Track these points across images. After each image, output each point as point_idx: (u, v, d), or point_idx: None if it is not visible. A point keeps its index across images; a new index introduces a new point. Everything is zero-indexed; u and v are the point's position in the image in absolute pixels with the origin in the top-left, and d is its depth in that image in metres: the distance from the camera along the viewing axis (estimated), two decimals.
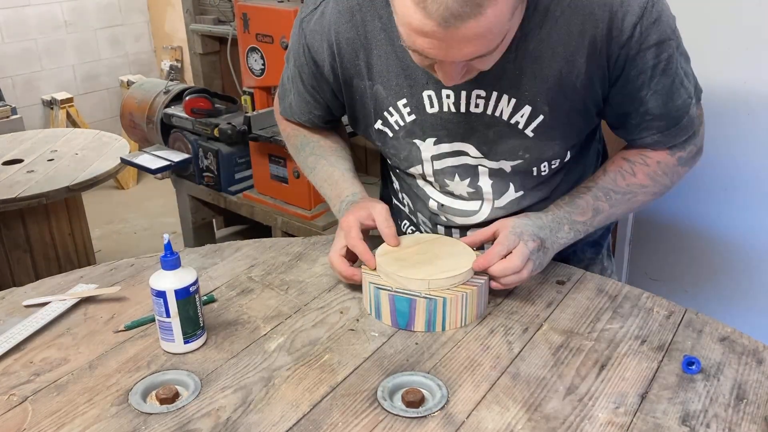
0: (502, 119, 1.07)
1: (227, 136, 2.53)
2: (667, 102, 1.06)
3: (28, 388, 0.95)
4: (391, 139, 1.17)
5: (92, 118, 4.46)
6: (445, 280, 1.05)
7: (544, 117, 1.06)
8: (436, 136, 1.12)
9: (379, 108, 1.14)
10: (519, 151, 1.11)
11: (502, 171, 1.14)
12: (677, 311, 1.08)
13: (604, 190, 1.13)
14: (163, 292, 0.98)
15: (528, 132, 1.08)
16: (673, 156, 1.13)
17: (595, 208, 1.12)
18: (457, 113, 1.08)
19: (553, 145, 1.11)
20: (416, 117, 1.11)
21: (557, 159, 1.14)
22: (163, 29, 4.65)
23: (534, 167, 1.14)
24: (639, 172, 1.13)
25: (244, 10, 2.46)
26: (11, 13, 4.13)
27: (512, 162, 1.12)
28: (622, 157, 1.15)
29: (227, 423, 0.87)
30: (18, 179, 2.47)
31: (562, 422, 0.86)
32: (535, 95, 1.04)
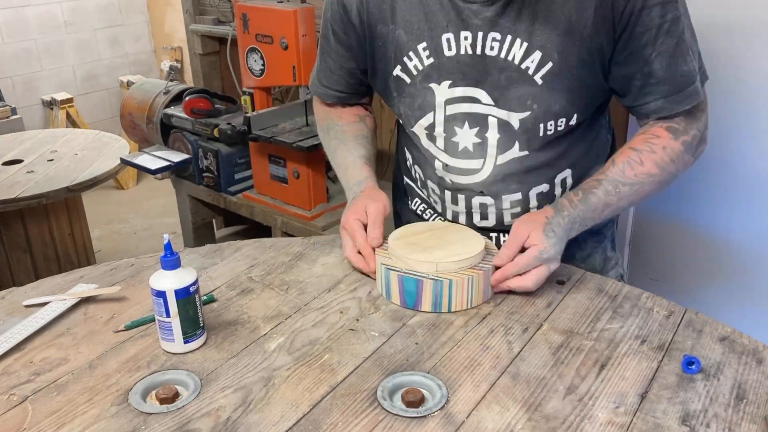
0: (513, 63, 1.12)
1: (227, 137, 2.53)
2: (671, 65, 1.09)
3: (28, 388, 0.95)
4: (408, 86, 1.21)
5: (92, 119, 4.46)
6: (453, 263, 1.10)
7: (552, 64, 1.10)
8: (451, 79, 1.16)
9: (399, 53, 1.19)
10: (528, 100, 1.14)
11: (509, 125, 1.17)
12: (677, 311, 1.08)
13: (613, 183, 1.14)
14: (163, 292, 0.98)
15: (537, 78, 1.12)
16: (677, 141, 1.15)
17: (606, 203, 1.15)
18: (473, 55, 1.13)
19: (559, 98, 1.13)
20: (434, 60, 1.16)
21: (563, 118, 1.16)
22: (163, 29, 4.65)
23: (541, 123, 1.16)
24: (647, 161, 1.15)
25: (244, 11, 2.46)
26: (11, 13, 4.13)
27: (520, 114, 1.15)
28: (630, 147, 1.17)
29: (227, 423, 0.87)
30: (18, 179, 2.47)
31: (562, 422, 0.86)
32: (545, 41, 1.09)
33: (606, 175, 1.15)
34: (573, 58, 1.10)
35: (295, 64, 2.38)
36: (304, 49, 2.36)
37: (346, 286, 1.19)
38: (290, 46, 2.36)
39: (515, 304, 1.12)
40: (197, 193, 2.98)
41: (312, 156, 2.47)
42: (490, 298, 1.13)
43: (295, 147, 2.36)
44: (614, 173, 1.15)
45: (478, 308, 1.11)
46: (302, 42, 2.35)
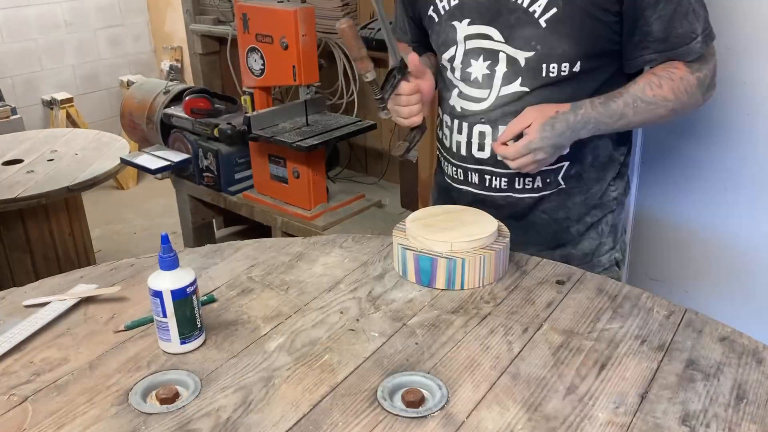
0: (522, 6, 1.22)
1: (227, 136, 2.53)
2: (668, 27, 1.19)
3: (29, 388, 0.95)
4: (437, 24, 1.35)
5: (92, 118, 4.46)
6: (467, 243, 1.17)
7: (557, 10, 1.20)
8: (470, 17, 1.29)
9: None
10: (532, 41, 1.23)
11: (517, 62, 1.27)
12: (677, 311, 1.08)
13: (633, 97, 1.23)
14: (159, 292, 0.98)
15: (541, 21, 1.22)
16: (693, 75, 1.24)
17: (623, 113, 1.24)
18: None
19: (562, 43, 1.22)
20: (458, 1, 1.30)
21: (566, 62, 1.24)
22: (163, 29, 4.65)
23: (543, 64, 1.25)
24: (665, 85, 1.23)
25: (244, 11, 2.46)
26: (11, 13, 4.13)
27: (526, 53, 1.25)
28: (651, 72, 1.25)
29: (227, 423, 0.87)
30: (18, 179, 2.47)
31: (562, 422, 0.86)
32: None
33: (627, 90, 1.24)
34: (576, 7, 1.19)
35: (295, 63, 2.37)
36: (304, 49, 2.36)
37: (346, 286, 1.19)
38: (290, 46, 2.36)
39: (515, 304, 1.12)
40: (197, 193, 2.98)
41: (312, 156, 2.47)
42: (501, 276, 1.20)
43: (295, 147, 2.36)
44: (635, 89, 1.24)
45: (478, 308, 1.11)
46: (302, 42, 2.34)
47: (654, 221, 1.88)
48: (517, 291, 1.15)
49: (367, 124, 2.58)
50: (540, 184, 1.34)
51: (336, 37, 2.80)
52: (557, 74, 1.25)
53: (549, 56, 1.24)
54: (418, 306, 1.12)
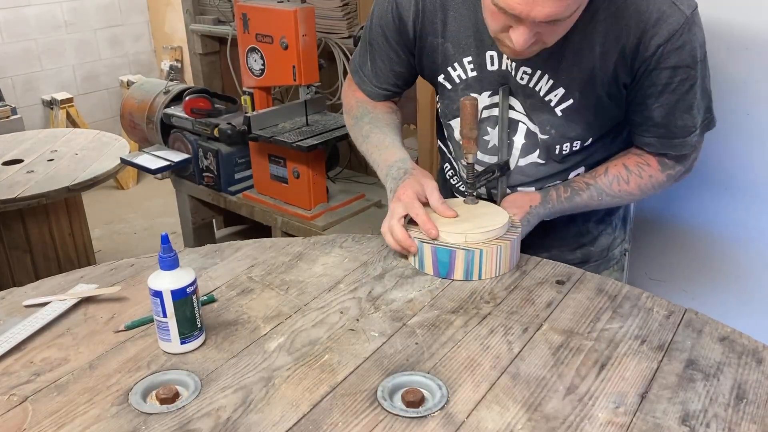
0: (538, 94, 1.24)
1: (227, 136, 2.53)
2: (669, 116, 1.22)
3: (29, 388, 0.95)
4: (449, 91, 1.34)
5: (92, 118, 4.46)
6: (481, 234, 1.19)
7: (573, 101, 1.23)
8: (491, 89, 1.29)
9: (444, 63, 1.31)
10: (547, 126, 1.26)
11: (534, 135, 1.29)
12: (677, 311, 1.08)
13: (599, 191, 1.29)
14: (159, 292, 0.98)
15: (557, 111, 1.24)
16: (663, 173, 1.30)
17: (587, 204, 1.31)
18: (510, 74, 1.25)
19: (576, 128, 1.26)
20: (478, 73, 1.28)
21: (578, 141, 1.29)
22: (163, 29, 4.65)
23: (558, 144, 1.28)
24: (632, 182, 1.29)
25: (244, 11, 2.46)
26: (11, 13, 4.13)
27: (542, 135, 1.28)
28: (623, 164, 1.30)
29: (227, 423, 0.87)
30: (18, 179, 2.47)
31: (562, 422, 0.86)
32: (569, 81, 1.21)
33: (595, 182, 1.29)
34: (592, 99, 1.22)
35: (295, 64, 2.38)
36: (304, 49, 2.36)
37: (346, 286, 1.19)
38: (290, 46, 2.36)
39: (515, 304, 1.12)
40: (197, 193, 2.98)
41: (312, 156, 2.47)
42: (514, 267, 1.23)
43: (295, 147, 2.36)
44: (603, 183, 1.29)
45: (478, 308, 1.11)
46: (302, 42, 2.35)
47: (654, 221, 1.88)
48: (517, 291, 1.15)
49: None
50: None
51: (336, 37, 2.80)
52: (569, 151, 1.30)
53: (563, 138, 1.28)
54: (418, 306, 1.12)
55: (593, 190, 1.29)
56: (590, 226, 1.43)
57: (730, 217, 1.73)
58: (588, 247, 1.44)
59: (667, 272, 1.92)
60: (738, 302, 1.80)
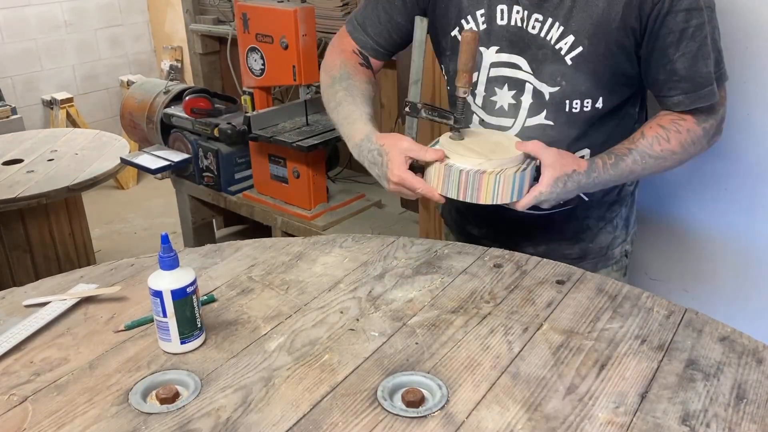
0: (549, 43, 1.23)
1: (227, 136, 2.52)
2: (692, 66, 1.19)
3: (29, 388, 0.95)
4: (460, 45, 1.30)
5: (92, 118, 4.46)
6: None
7: (582, 49, 1.21)
8: (499, 45, 1.28)
9: (458, 15, 1.31)
10: (558, 76, 1.25)
11: (542, 95, 1.28)
12: (677, 311, 1.08)
13: (642, 154, 1.25)
14: (159, 292, 0.98)
15: (567, 59, 1.23)
16: (699, 126, 1.25)
17: (632, 170, 1.25)
18: (520, 28, 1.25)
19: (585, 81, 1.24)
20: (487, 26, 1.28)
21: (588, 99, 1.26)
22: (163, 29, 4.65)
23: (567, 99, 1.27)
24: (673, 139, 1.25)
25: (244, 10, 2.46)
26: (11, 13, 4.13)
27: (551, 88, 1.26)
28: (658, 124, 1.26)
29: (227, 423, 0.87)
30: (18, 179, 2.47)
31: (562, 422, 0.86)
32: (579, 27, 1.20)
33: (636, 145, 1.25)
34: (601, 46, 1.21)
35: (295, 63, 2.37)
36: (304, 48, 2.36)
37: (346, 285, 1.19)
38: (290, 46, 2.36)
39: (515, 303, 1.12)
40: (197, 193, 2.98)
41: (312, 156, 2.47)
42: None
43: (295, 147, 2.36)
44: (643, 145, 1.24)
45: (478, 308, 1.11)
46: (302, 42, 2.34)
47: (654, 221, 1.88)
48: (517, 291, 1.15)
49: None
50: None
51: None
52: (579, 110, 1.27)
53: (573, 92, 1.26)
54: (418, 306, 1.12)
55: (635, 153, 1.24)
56: (590, 222, 1.42)
57: (730, 217, 1.73)
58: (587, 243, 1.43)
59: (667, 272, 1.92)
60: (738, 302, 1.79)
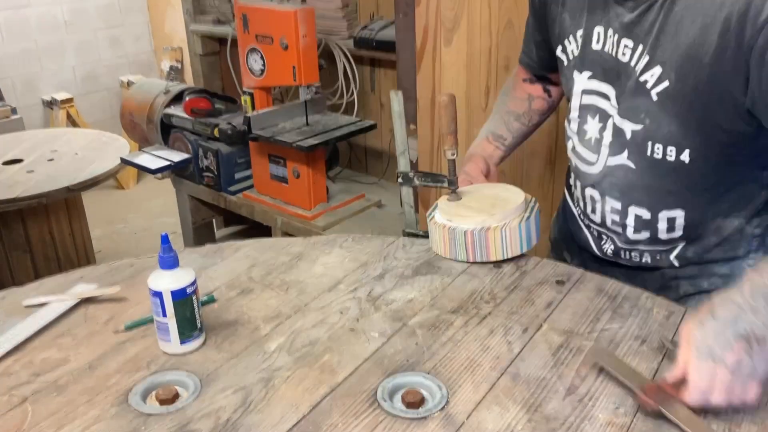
0: (636, 73, 1.10)
1: (227, 136, 2.53)
2: None
3: (28, 389, 0.95)
4: (565, 68, 1.26)
5: (92, 118, 4.46)
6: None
7: (669, 83, 1.06)
8: (592, 71, 1.19)
9: (562, 35, 1.24)
10: (641, 113, 1.11)
11: (622, 132, 1.15)
12: (677, 311, 1.08)
13: None
14: (159, 293, 0.98)
15: (653, 94, 1.08)
16: None
17: None
18: (612, 56, 1.14)
19: (671, 121, 1.08)
20: (581, 50, 1.20)
21: (673, 146, 1.09)
22: (163, 30, 4.65)
23: (649, 141, 1.11)
24: None
25: (244, 11, 2.46)
26: (11, 13, 4.13)
27: (633, 125, 1.13)
28: None
29: (227, 423, 0.87)
30: (18, 179, 2.47)
31: (562, 423, 0.86)
32: (666, 58, 1.05)
33: None
34: (689, 83, 1.03)
35: (295, 64, 2.38)
36: (304, 49, 2.36)
37: (346, 286, 1.19)
38: (290, 46, 2.36)
39: (515, 304, 1.12)
40: (197, 193, 2.98)
41: (312, 156, 2.47)
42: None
43: (295, 147, 2.36)
44: None
45: (478, 308, 1.11)
46: (302, 42, 2.35)
47: None
48: (517, 291, 1.15)
49: (367, 124, 2.58)
50: (649, 260, 1.23)
51: (336, 38, 2.80)
52: (662, 157, 1.11)
53: (655, 134, 1.10)
54: (418, 306, 1.12)
55: None
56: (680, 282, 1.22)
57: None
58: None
59: None
60: None
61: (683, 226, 1.17)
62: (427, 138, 2.10)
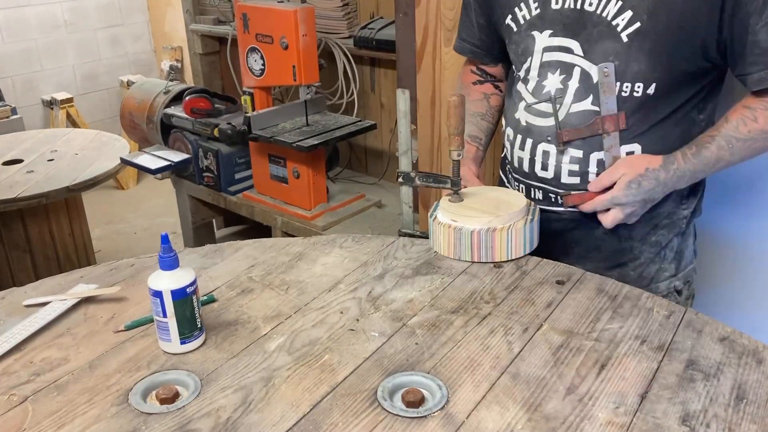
0: (606, 19, 1.19)
1: (227, 136, 2.53)
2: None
3: (28, 388, 0.95)
4: (515, 33, 1.33)
5: (92, 118, 4.46)
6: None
7: (640, 24, 1.15)
8: (552, 29, 1.26)
9: (510, 3, 1.31)
10: (611, 55, 1.20)
11: (590, 77, 1.23)
12: (677, 311, 1.08)
13: (726, 138, 1.17)
14: (159, 292, 0.98)
15: (623, 36, 1.18)
16: None
17: (719, 157, 1.17)
18: (574, 9, 1.22)
19: (639, 61, 1.18)
20: (541, 11, 1.27)
21: (640, 82, 1.20)
22: (163, 29, 4.65)
23: (618, 81, 1.21)
24: (761, 117, 1.16)
25: (244, 11, 2.46)
26: (11, 13, 4.13)
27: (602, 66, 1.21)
28: (743, 105, 1.18)
29: (227, 423, 0.87)
30: (18, 179, 2.47)
31: (562, 422, 0.86)
32: (638, 2, 1.15)
33: (719, 131, 1.18)
34: (661, 23, 1.14)
35: (295, 63, 2.38)
36: (304, 48, 2.36)
37: (346, 286, 1.19)
38: (290, 46, 2.36)
39: (515, 304, 1.12)
40: (197, 193, 2.98)
41: (312, 156, 2.47)
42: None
43: (295, 147, 2.36)
44: (728, 129, 1.17)
45: (478, 308, 1.11)
46: (302, 42, 2.35)
47: None
48: (517, 291, 1.15)
49: (367, 124, 2.58)
50: None
51: (336, 37, 2.80)
52: (629, 93, 1.21)
53: (624, 73, 1.20)
54: (418, 306, 1.12)
55: (720, 139, 1.16)
56: (634, 244, 1.33)
57: (730, 217, 1.73)
58: (627, 270, 1.34)
59: None
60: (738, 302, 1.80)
61: None
62: (426, 138, 2.10)
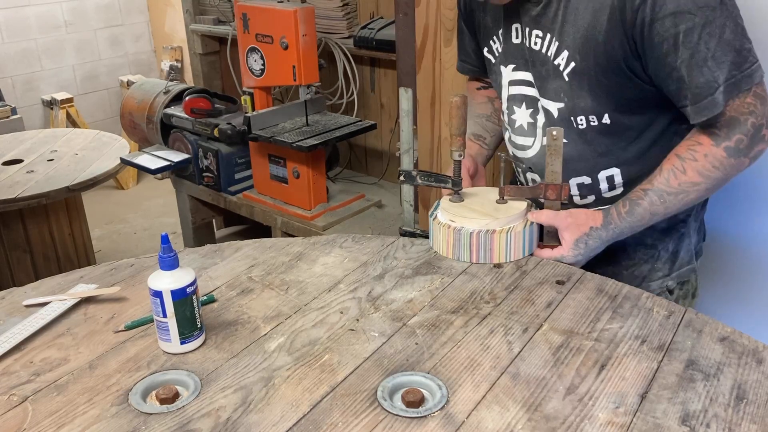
0: (549, 58, 1.24)
1: (227, 136, 2.53)
2: (689, 75, 1.11)
3: (28, 388, 0.95)
4: (492, 65, 1.38)
5: (92, 118, 4.46)
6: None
7: (575, 64, 1.21)
8: (515, 63, 1.32)
9: (486, 36, 1.37)
10: (560, 93, 1.25)
11: (550, 113, 1.29)
12: (677, 311, 1.08)
13: (658, 193, 1.19)
14: (159, 292, 0.98)
15: (565, 75, 1.23)
16: (718, 147, 1.15)
17: (653, 212, 1.21)
18: (528, 47, 1.27)
19: (585, 96, 1.23)
20: (504, 46, 1.33)
21: (592, 115, 1.24)
22: (163, 29, 4.65)
23: (572, 116, 1.26)
24: (689, 169, 1.17)
25: (244, 11, 2.46)
26: (11, 13, 4.13)
27: (557, 104, 1.27)
28: (675, 154, 1.20)
29: (227, 423, 0.87)
30: (18, 179, 2.47)
31: (562, 422, 0.86)
32: (570, 42, 1.20)
33: (652, 185, 1.20)
34: (590, 60, 1.19)
35: (295, 64, 2.38)
36: (304, 49, 2.36)
37: (346, 286, 1.19)
38: (290, 46, 2.36)
39: (515, 304, 1.12)
40: (197, 193, 2.98)
41: (312, 156, 2.47)
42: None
43: (295, 147, 2.36)
44: (660, 182, 1.19)
45: (478, 308, 1.11)
46: (302, 42, 2.35)
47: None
48: (517, 291, 1.15)
49: (367, 124, 2.58)
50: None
51: (336, 37, 2.80)
52: (586, 126, 1.25)
53: (575, 109, 1.25)
54: (418, 306, 1.12)
55: (652, 194, 1.19)
56: (628, 245, 1.32)
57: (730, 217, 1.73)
58: (620, 268, 1.35)
59: None
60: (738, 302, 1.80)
61: (622, 183, 1.30)
62: (426, 138, 2.10)
